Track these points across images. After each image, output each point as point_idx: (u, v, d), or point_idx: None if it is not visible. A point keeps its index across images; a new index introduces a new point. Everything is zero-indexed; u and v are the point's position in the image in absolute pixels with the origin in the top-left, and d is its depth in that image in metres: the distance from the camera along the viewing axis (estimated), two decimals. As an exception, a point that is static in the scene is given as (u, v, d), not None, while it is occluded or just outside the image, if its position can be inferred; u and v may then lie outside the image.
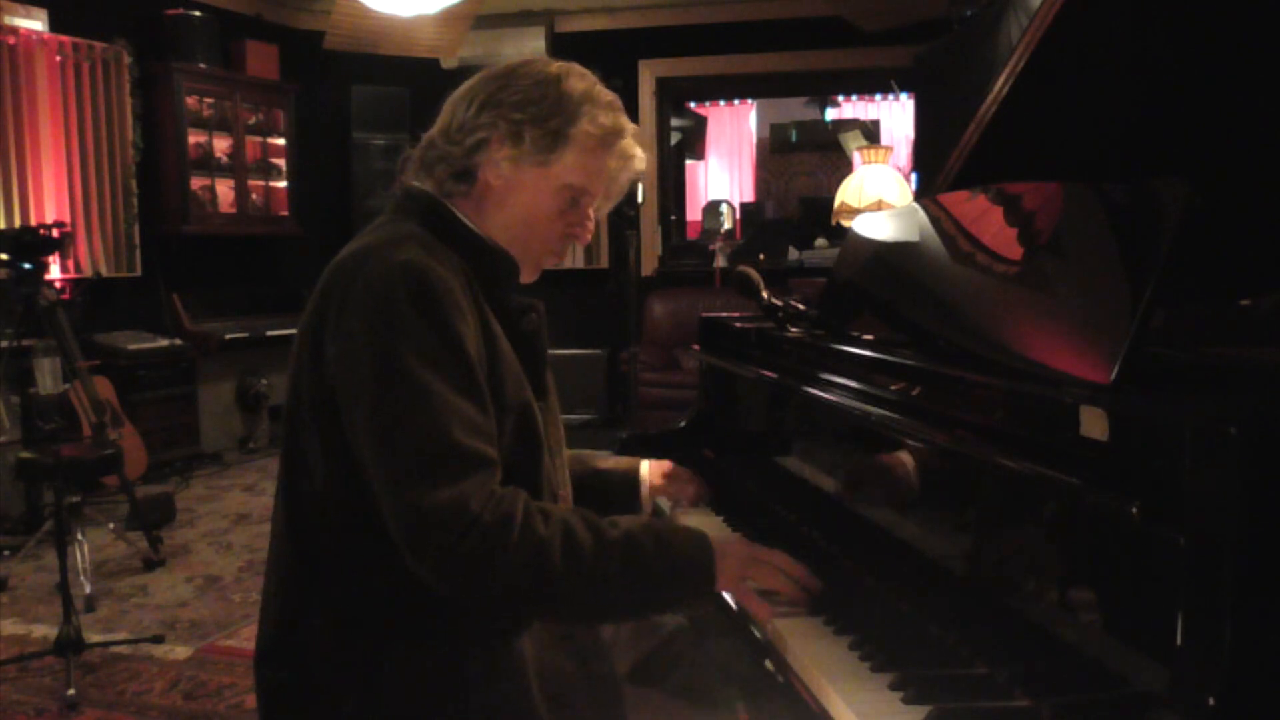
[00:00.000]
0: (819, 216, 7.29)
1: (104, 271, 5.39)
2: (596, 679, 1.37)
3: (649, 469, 1.72)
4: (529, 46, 6.52)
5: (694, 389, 2.28)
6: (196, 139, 5.85)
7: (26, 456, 3.57)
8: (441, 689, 1.25)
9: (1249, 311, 1.53)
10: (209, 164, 5.95)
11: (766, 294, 1.90)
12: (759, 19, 6.51)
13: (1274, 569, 0.82)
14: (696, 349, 2.22)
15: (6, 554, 3.97)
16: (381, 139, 6.69)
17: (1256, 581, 0.81)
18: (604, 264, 6.76)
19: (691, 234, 8.61)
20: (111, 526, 3.99)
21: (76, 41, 5.27)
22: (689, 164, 10.03)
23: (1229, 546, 0.81)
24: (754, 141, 10.60)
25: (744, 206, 9.49)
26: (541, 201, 1.35)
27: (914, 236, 1.58)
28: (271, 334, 5.97)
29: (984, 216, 1.42)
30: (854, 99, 9.90)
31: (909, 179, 6.79)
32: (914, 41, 5.74)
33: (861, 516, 1.42)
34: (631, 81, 6.67)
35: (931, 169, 5.61)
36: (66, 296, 4.96)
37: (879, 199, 5.23)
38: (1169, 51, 1.47)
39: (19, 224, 4.87)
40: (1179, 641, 0.83)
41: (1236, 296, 1.54)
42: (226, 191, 6.10)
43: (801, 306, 1.88)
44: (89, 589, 3.49)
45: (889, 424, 1.34)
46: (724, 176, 10.50)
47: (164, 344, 5.44)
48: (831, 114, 10.25)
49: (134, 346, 5.26)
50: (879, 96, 9.47)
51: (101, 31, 5.42)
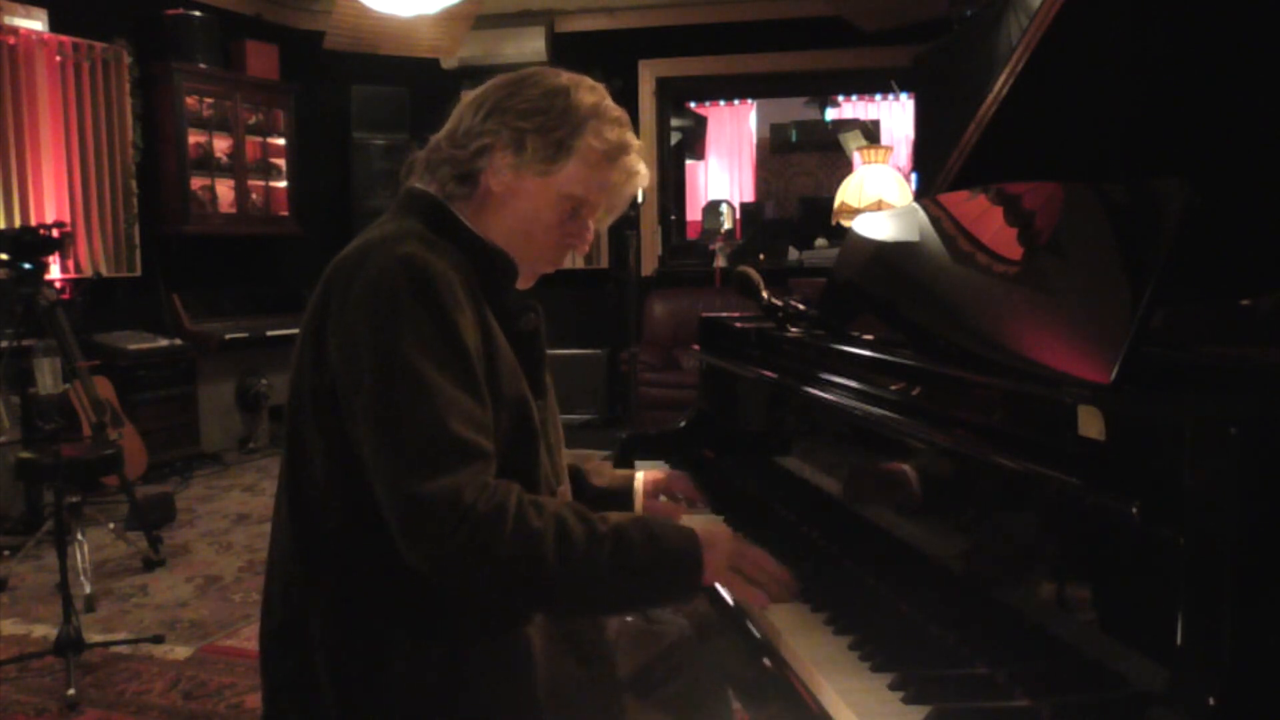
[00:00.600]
0: (819, 216, 7.30)
1: (104, 271, 5.39)
2: (600, 683, 1.37)
3: (641, 484, 1.71)
4: (529, 46, 6.52)
5: (694, 389, 2.28)
6: (196, 139, 5.85)
7: (26, 456, 3.58)
8: (444, 683, 1.26)
9: (1249, 311, 1.53)
10: (209, 164, 5.96)
11: (766, 294, 1.91)
12: (759, 19, 6.51)
13: (1274, 569, 0.82)
14: (696, 349, 2.22)
15: (6, 554, 3.97)
16: (381, 139, 6.70)
17: (1256, 581, 0.81)
18: (604, 264, 6.76)
19: (691, 234, 8.61)
20: (111, 526, 4.00)
21: (76, 41, 5.27)
22: (689, 164, 10.02)
23: (1229, 546, 0.81)
24: (754, 141, 10.59)
25: (744, 206, 9.49)
26: (541, 210, 1.36)
27: (914, 236, 1.58)
28: (271, 334, 5.96)
29: (984, 216, 1.42)
30: (854, 99, 9.90)
31: (909, 179, 6.79)
32: (914, 41, 5.74)
33: (861, 516, 1.42)
34: (631, 81, 6.67)
35: (931, 169, 5.62)
36: (66, 296, 4.96)
37: (879, 199, 5.23)
38: (1169, 51, 1.47)
39: (19, 224, 4.87)
40: (1179, 641, 0.83)
41: (1236, 296, 1.54)
42: (226, 191, 6.10)
43: (801, 306, 1.88)
44: (89, 589, 3.49)
45: (889, 424, 1.34)
46: (724, 176, 10.49)
47: (164, 344, 5.44)
48: (831, 114, 10.25)
49: (134, 346, 5.26)
50: (879, 96, 9.46)
51: (101, 31, 5.42)
